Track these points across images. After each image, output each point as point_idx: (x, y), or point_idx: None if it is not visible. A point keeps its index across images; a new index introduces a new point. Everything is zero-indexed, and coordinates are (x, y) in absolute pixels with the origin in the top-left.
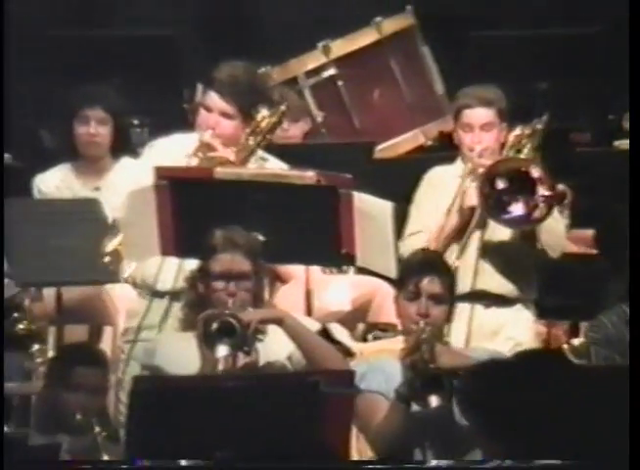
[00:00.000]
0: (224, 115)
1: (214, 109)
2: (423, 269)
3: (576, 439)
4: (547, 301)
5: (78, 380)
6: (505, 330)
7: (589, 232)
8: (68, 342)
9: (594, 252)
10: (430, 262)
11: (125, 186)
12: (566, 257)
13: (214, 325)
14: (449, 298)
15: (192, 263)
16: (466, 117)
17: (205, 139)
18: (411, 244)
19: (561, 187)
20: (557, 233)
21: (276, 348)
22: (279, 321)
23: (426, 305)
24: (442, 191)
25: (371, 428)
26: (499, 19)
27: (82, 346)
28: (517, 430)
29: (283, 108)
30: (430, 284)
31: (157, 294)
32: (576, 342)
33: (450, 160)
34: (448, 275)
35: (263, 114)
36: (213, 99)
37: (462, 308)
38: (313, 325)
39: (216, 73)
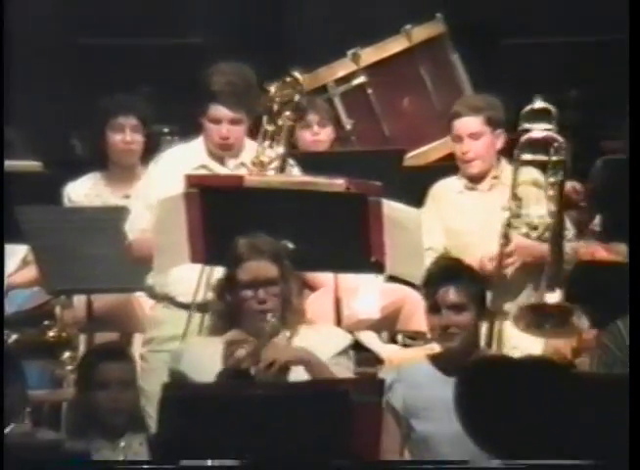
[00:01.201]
0: (233, 122)
1: (223, 119)
2: (438, 281)
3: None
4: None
5: (107, 376)
6: (519, 341)
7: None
8: None
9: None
10: (444, 273)
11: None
12: (593, 264)
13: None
14: (471, 304)
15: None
16: (454, 128)
17: (233, 173)
18: None
19: (570, 185)
20: None
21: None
22: (305, 363)
23: (446, 316)
24: (444, 205)
25: None
26: (529, 27)
27: (107, 344)
28: (512, 433)
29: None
30: (445, 295)
31: (185, 306)
32: None
33: None
34: (467, 282)
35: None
36: (220, 110)
37: None
38: (345, 338)
39: (214, 87)
